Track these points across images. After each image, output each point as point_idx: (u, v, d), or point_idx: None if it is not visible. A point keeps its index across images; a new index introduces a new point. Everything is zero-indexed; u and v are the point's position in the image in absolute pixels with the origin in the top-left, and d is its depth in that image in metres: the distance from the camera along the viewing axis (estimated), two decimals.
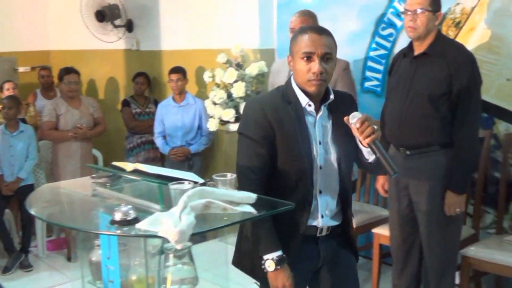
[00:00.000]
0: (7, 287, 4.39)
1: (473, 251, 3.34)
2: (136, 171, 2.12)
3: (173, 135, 5.46)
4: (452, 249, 3.28)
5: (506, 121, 3.68)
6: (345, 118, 2.11)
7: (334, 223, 2.34)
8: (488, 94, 3.46)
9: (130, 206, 1.79)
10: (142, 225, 1.71)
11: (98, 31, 6.38)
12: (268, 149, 2.21)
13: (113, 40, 6.42)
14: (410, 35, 3.17)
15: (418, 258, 3.38)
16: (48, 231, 5.39)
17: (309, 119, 2.26)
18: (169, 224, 1.65)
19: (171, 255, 1.92)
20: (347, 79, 3.83)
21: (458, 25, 3.82)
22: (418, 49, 3.19)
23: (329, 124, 2.29)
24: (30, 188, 4.86)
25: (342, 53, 4.10)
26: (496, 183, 3.70)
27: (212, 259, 4.06)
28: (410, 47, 3.26)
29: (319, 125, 2.27)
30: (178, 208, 1.72)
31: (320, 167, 2.26)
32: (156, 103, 5.91)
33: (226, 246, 4.43)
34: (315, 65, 2.16)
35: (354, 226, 3.02)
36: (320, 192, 2.27)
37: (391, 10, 4.18)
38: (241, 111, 4.54)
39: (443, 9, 3.26)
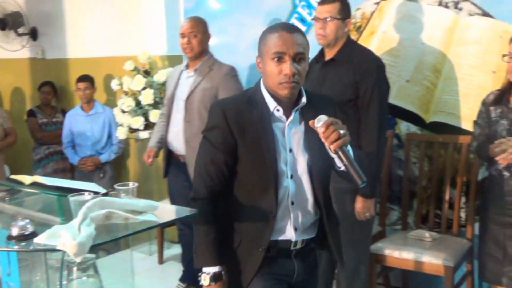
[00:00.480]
0: None
1: (380, 247, 3.45)
2: (34, 184, 2.06)
3: (82, 145, 5.35)
4: (364, 249, 3.34)
5: (407, 121, 3.82)
6: (310, 122, 1.94)
7: (309, 236, 2.16)
8: (390, 96, 3.58)
9: (27, 220, 1.73)
10: (40, 239, 1.66)
11: (1, 39, 6.18)
12: (225, 156, 2.07)
13: (16, 49, 6.22)
14: (320, 42, 3.23)
15: None
16: None
17: (279, 125, 2.08)
18: (67, 236, 1.61)
19: (74, 268, 1.88)
20: (230, 85, 3.68)
21: (359, 30, 3.94)
22: (328, 55, 3.24)
23: (301, 130, 2.10)
24: None
25: (248, 60, 4.17)
26: (399, 181, 3.84)
27: (122, 270, 4.00)
28: (321, 53, 3.31)
29: (289, 132, 2.08)
30: (77, 220, 1.69)
31: (292, 177, 2.08)
32: (63, 112, 5.77)
33: (132, 255, 4.36)
34: (287, 67, 1.97)
35: None
36: (293, 203, 2.08)
37: (295, 15, 4.25)
38: (150, 118, 4.58)
39: None
